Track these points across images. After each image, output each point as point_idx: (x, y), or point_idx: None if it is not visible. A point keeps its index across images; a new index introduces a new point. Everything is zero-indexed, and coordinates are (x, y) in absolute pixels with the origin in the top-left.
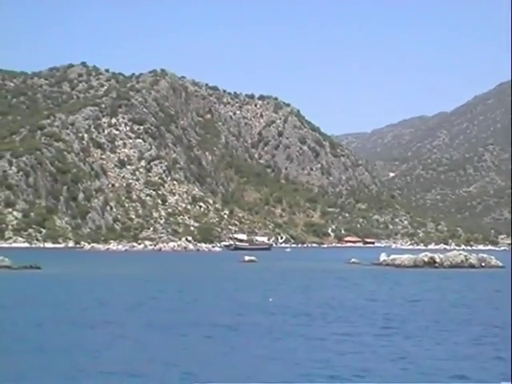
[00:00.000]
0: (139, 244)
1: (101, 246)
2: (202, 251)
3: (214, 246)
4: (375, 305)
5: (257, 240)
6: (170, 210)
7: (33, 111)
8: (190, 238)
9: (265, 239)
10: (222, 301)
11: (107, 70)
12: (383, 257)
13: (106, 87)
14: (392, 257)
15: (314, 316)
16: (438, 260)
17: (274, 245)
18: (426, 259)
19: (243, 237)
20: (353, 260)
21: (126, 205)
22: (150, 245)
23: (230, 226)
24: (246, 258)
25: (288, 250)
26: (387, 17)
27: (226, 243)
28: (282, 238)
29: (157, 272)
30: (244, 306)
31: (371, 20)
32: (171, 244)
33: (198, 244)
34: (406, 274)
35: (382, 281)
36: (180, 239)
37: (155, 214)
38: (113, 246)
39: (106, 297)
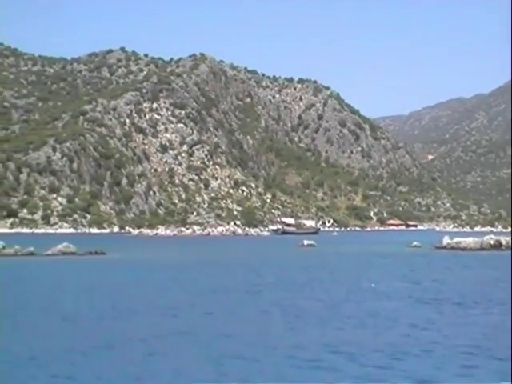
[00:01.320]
0: (187, 229)
1: (149, 231)
2: (251, 235)
3: (262, 231)
4: (490, 290)
5: (304, 224)
6: (212, 194)
7: (73, 97)
8: (238, 223)
9: (312, 223)
10: (332, 287)
11: (146, 55)
12: (446, 240)
13: (145, 72)
14: (456, 240)
15: (440, 301)
16: (504, 243)
17: (322, 229)
18: (491, 242)
19: (291, 221)
20: (414, 243)
21: (169, 189)
22: (198, 229)
23: (272, 210)
24: (305, 242)
25: (335, 233)
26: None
27: (274, 227)
28: (329, 221)
29: (231, 257)
30: (354, 291)
31: (406, 3)
32: (219, 228)
33: (247, 228)
34: (482, 257)
35: (467, 263)
36: (228, 223)
37: (198, 199)
38: (160, 231)
39: (214, 283)
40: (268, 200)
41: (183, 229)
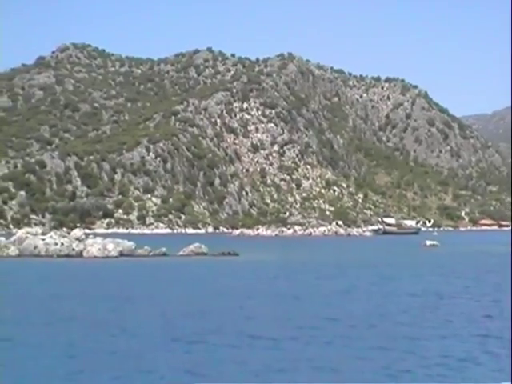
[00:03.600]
0: (288, 229)
1: (250, 231)
2: (353, 236)
3: (364, 231)
4: None
5: (405, 224)
6: (304, 194)
7: (161, 97)
8: (340, 223)
9: (413, 223)
10: None
11: (233, 55)
12: None
13: (232, 72)
14: None
15: None
16: None
17: (422, 229)
18: None
19: (392, 221)
20: None
21: (261, 189)
22: (300, 230)
23: (364, 210)
24: (428, 242)
25: (435, 233)
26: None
27: (375, 227)
28: (429, 221)
29: (376, 258)
30: None
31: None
32: (321, 229)
33: (349, 228)
34: None
35: None
36: (330, 223)
37: (290, 199)
38: (261, 231)
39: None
40: (360, 200)
41: (284, 229)
